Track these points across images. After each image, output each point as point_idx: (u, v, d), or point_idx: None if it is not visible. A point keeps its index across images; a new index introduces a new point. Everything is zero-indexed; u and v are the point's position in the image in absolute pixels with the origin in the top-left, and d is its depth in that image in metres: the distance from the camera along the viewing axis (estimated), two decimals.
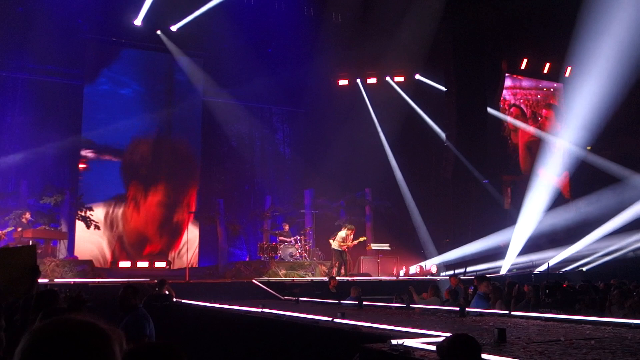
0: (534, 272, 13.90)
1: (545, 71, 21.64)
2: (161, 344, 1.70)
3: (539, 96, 22.37)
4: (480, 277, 9.72)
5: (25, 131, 16.66)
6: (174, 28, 18.14)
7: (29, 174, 16.35)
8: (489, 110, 19.66)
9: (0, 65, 16.48)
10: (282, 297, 11.89)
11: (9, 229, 14.26)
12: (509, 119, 21.40)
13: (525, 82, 22.08)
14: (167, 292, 10.24)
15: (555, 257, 16.19)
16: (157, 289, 10.15)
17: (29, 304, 4.03)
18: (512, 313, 7.56)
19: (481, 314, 7.73)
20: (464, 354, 3.29)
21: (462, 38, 17.99)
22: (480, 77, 18.33)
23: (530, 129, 21.65)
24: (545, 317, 6.96)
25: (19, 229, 14.12)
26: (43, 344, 1.29)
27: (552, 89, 22.47)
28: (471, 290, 9.83)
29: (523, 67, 21.24)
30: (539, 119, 22.26)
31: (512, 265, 16.68)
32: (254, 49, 19.18)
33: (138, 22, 17.50)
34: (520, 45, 20.52)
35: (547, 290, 9.15)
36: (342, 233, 15.56)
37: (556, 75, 21.78)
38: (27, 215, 14.45)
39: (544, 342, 4.96)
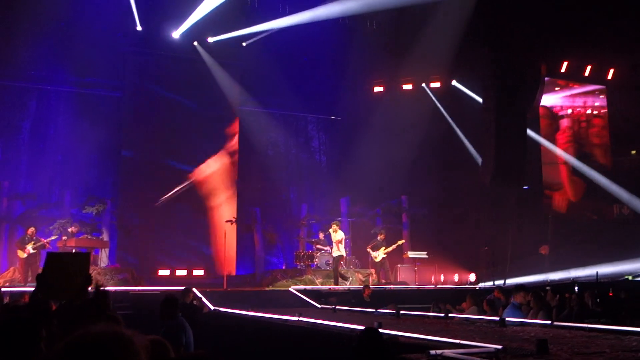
0: (578, 281, 13.49)
1: (587, 74, 21.10)
2: (198, 355, 1.75)
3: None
4: (517, 287, 9.51)
5: (69, 143, 17.13)
6: (211, 40, 18.41)
7: (72, 185, 16.79)
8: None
9: (43, 79, 17.00)
10: (319, 306, 11.87)
11: (53, 237, 14.71)
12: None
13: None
14: (194, 303, 10.12)
15: (606, 269, 15.73)
16: (182, 297, 9.99)
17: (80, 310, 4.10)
18: (555, 323, 7.37)
19: (522, 324, 7.57)
20: (372, 342, 4.41)
21: (497, 43, 17.73)
22: (519, 86, 17.96)
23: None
24: (589, 328, 6.76)
25: (64, 238, 14.53)
26: (72, 353, 1.43)
27: (597, 93, 21.87)
28: (512, 300, 9.62)
29: (563, 70, 20.75)
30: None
31: (553, 275, 16.27)
32: (289, 57, 19.33)
33: (177, 34, 17.84)
34: (560, 48, 20.06)
35: (597, 300, 8.93)
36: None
37: (598, 77, 21.24)
38: (74, 229, 14.85)
39: (589, 354, 4.81)
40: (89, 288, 4.77)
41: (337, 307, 10.89)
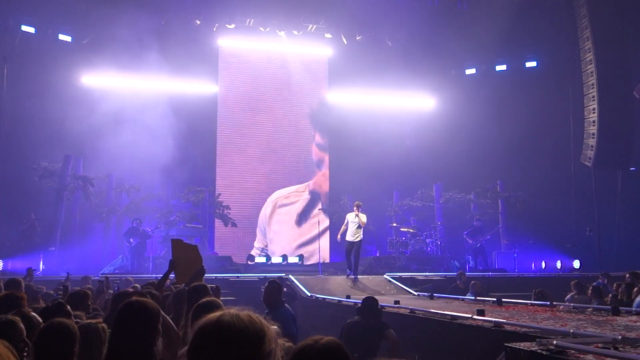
0: None
1: None
2: (330, 341, 1.78)
3: None
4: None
5: (168, 137, 17.87)
6: (295, 32, 18.68)
7: (173, 177, 17.51)
8: None
9: (145, 75, 17.72)
10: (416, 293, 11.74)
11: (158, 227, 15.54)
12: None
13: None
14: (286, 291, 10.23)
15: None
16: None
17: (181, 298, 4.27)
18: None
19: (637, 312, 7.10)
20: (371, 306, 6.33)
21: (599, 13, 16.64)
22: (623, 61, 16.75)
23: None
24: None
25: (166, 227, 15.32)
26: (213, 332, 1.53)
27: None
28: (622, 288, 9.02)
29: None
30: None
31: None
32: (376, 42, 19.19)
33: (265, 29, 18.29)
34: None
35: None
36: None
37: None
38: (176, 218, 15.71)
39: None
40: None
41: (434, 294, 10.72)
